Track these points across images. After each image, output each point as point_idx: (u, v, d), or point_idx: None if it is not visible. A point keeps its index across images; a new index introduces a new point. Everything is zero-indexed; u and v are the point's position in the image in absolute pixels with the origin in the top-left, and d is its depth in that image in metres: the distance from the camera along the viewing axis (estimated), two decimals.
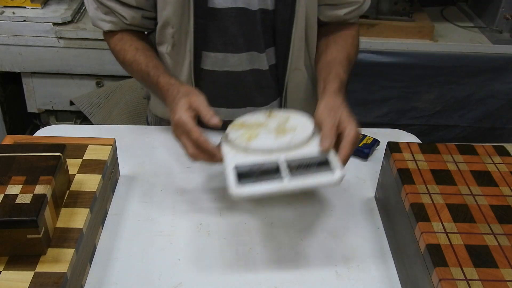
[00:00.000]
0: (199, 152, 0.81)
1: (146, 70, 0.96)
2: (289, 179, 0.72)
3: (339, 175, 0.73)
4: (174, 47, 0.99)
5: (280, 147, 0.78)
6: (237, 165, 0.75)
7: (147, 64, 0.96)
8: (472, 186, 0.78)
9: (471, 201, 0.75)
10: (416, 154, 0.84)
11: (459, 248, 0.67)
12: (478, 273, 0.63)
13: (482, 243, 0.68)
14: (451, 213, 0.72)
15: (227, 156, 0.79)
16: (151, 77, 0.94)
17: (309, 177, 0.72)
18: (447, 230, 0.69)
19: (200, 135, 0.79)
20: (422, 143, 0.88)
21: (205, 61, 1.00)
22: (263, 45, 0.98)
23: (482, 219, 0.72)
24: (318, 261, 0.80)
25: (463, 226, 0.70)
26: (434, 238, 0.68)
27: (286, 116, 0.86)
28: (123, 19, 0.99)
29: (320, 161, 0.75)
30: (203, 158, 0.81)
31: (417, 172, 0.80)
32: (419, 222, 0.71)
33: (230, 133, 0.83)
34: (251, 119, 0.87)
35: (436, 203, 0.74)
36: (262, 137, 0.80)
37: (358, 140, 0.80)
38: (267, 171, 0.74)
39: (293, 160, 0.75)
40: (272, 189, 0.71)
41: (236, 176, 0.73)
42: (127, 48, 0.99)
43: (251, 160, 0.76)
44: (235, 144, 0.80)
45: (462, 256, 0.66)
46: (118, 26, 1.00)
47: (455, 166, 0.82)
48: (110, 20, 0.99)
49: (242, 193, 0.71)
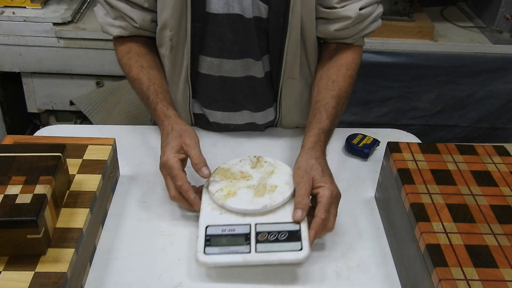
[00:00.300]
0: (180, 197, 0.84)
1: (147, 93, 0.96)
2: (255, 252, 0.75)
3: (305, 254, 0.74)
4: (172, 49, 0.99)
5: (255, 211, 0.80)
6: (209, 225, 0.79)
7: (148, 86, 0.96)
8: (472, 186, 0.78)
9: (471, 201, 0.75)
10: (416, 154, 0.84)
11: (459, 248, 0.67)
12: (478, 273, 0.63)
13: (482, 243, 0.68)
14: (451, 213, 0.72)
15: (203, 211, 0.82)
16: (150, 101, 0.95)
17: (275, 253, 0.75)
18: (447, 230, 0.69)
19: (183, 183, 0.82)
20: (422, 143, 0.88)
21: (202, 65, 1.00)
22: (259, 52, 0.97)
23: (482, 219, 0.72)
24: (318, 261, 0.80)
25: (463, 226, 0.70)
26: (434, 238, 0.68)
27: (271, 168, 0.87)
28: (133, 22, 0.98)
29: (291, 232, 0.77)
30: (182, 204, 0.85)
31: (417, 172, 0.80)
32: (419, 222, 0.71)
33: (211, 183, 0.85)
34: (236, 166, 0.89)
35: (436, 203, 0.74)
36: (239, 196, 0.82)
37: (332, 201, 0.79)
38: (235, 238, 0.77)
39: (263, 231, 0.78)
40: (237, 262, 0.75)
41: (205, 240, 0.77)
42: (133, 64, 0.99)
43: (224, 221, 0.80)
44: (213, 198, 0.83)
45: (462, 256, 0.66)
46: (127, 31, 1.00)
47: (455, 166, 0.82)
48: (119, 25, 0.99)
49: (207, 262, 0.75)
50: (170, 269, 0.78)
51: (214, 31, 0.95)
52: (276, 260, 0.75)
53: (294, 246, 0.76)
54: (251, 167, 0.88)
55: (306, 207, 0.78)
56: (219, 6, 0.92)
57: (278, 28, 0.95)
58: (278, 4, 0.92)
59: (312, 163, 0.83)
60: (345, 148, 1.06)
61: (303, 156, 0.85)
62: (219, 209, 0.82)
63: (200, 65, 1.00)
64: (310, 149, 0.86)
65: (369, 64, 1.78)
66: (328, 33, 0.99)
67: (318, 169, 0.82)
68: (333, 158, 1.03)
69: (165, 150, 0.85)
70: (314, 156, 0.84)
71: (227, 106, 1.05)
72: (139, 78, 0.98)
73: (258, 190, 0.83)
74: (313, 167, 0.82)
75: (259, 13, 0.94)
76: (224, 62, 0.98)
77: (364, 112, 1.92)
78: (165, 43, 1.00)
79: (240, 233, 0.78)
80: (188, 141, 0.85)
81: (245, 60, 0.98)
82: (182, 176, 0.82)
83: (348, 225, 0.88)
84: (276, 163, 0.89)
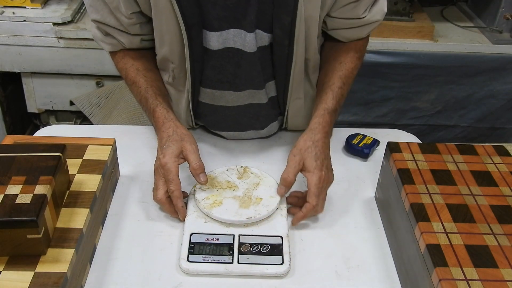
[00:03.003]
0: (166, 202, 0.84)
1: (145, 96, 0.95)
2: (237, 263, 0.77)
3: (285, 269, 0.77)
4: (174, 79, 0.99)
5: (240, 222, 0.82)
6: (193, 232, 0.81)
7: (146, 89, 0.96)
8: (472, 186, 0.78)
9: (471, 201, 0.75)
10: (416, 154, 0.84)
11: (459, 248, 0.67)
12: (478, 273, 0.63)
13: (482, 243, 0.68)
14: (451, 213, 0.72)
15: (188, 217, 0.84)
16: (149, 104, 0.94)
17: (256, 266, 0.76)
18: (447, 230, 0.69)
19: (176, 189, 0.82)
20: (422, 143, 0.88)
21: (203, 95, 0.99)
22: (262, 82, 0.96)
23: (482, 219, 0.72)
24: (318, 261, 0.80)
25: (463, 226, 0.70)
26: (434, 238, 0.68)
27: (257, 180, 0.89)
28: (122, 43, 0.98)
29: (273, 245, 0.79)
30: (165, 209, 0.85)
31: (417, 172, 0.80)
32: (419, 222, 0.71)
33: (198, 190, 0.87)
34: (223, 175, 0.90)
35: (436, 203, 0.74)
36: (225, 206, 0.83)
37: (321, 187, 0.83)
38: (219, 248, 0.78)
39: (246, 242, 0.80)
40: (219, 271, 0.76)
41: (189, 247, 0.78)
42: (128, 68, 0.99)
43: (208, 230, 0.81)
44: (199, 206, 0.84)
45: (462, 256, 0.66)
46: (117, 48, 1.00)
47: (455, 166, 0.82)
48: (110, 42, 0.99)
49: (189, 269, 0.76)
50: (170, 269, 0.78)
51: (214, 65, 0.93)
52: (257, 273, 0.76)
53: (275, 260, 0.77)
54: (238, 177, 0.90)
55: (289, 185, 0.85)
56: (218, 43, 0.90)
57: (283, 57, 0.93)
58: (282, 36, 0.90)
59: (308, 145, 0.85)
60: (345, 148, 1.06)
61: (304, 136, 0.88)
62: (204, 217, 0.84)
63: (201, 95, 0.99)
64: (311, 130, 0.88)
65: (369, 64, 1.78)
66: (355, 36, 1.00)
67: (312, 153, 0.84)
68: (333, 158, 1.03)
69: (166, 152, 0.85)
70: (313, 139, 0.86)
71: (232, 128, 1.05)
72: (136, 81, 0.97)
73: (243, 202, 0.85)
74: (308, 149, 0.85)
75: (263, 42, 0.91)
76: (226, 93, 0.97)
77: (364, 112, 1.92)
78: (167, 71, 0.99)
79: (224, 243, 0.79)
80: (188, 146, 0.86)
81: (247, 91, 0.97)
82: (177, 182, 0.83)
83: (348, 225, 0.88)
84: (262, 175, 0.91)
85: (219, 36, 0.89)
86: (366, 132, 1.08)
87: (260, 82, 0.96)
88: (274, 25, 0.89)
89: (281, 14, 0.87)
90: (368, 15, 0.95)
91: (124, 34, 0.97)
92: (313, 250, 0.82)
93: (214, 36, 0.89)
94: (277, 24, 0.88)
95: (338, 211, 0.90)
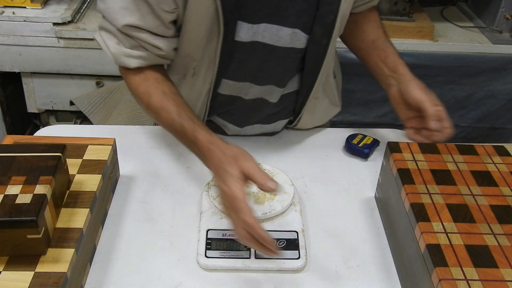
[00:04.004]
0: (250, 237, 0.72)
1: (179, 121, 0.85)
2: (254, 258, 0.77)
3: (302, 263, 0.77)
4: (194, 75, 0.96)
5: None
6: (210, 228, 0.81)
7: (179, 114, 0.86)
8: (472, 186, 0.78)
9: (471, 201, 0.75)
10: (416, 154, 0.84)
11: (459, 248, 0.67)
12: (478, 273, 0.63)
13: (482, 243, 0.68)
14: (451, 213, 0.72)
15: (204, 214, 0.84)
16: (186, 130, 0.84)
17: (273, 261, 0.77)
18: (447, 230, 0.69)
19: (251, 217, 0.71)
20: (422, 143, 0.88)
21: (223, 87, 0.97)
22: (286, 78, 0.97)
23: (482, 219, 0.72)
24: (318, 261, 0.80)
25: (463, 226, 0.70)
26: (434, 238, 0.68)
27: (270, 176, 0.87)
28: (157, 50, 0.89)
29: (289, 240, 0.80)
30: (255, 245, 0.73)
31: (417, 172, 0.80)
32: (419, 222, 0.71)
33: (212, 187, 0.87)
34: None
35: (436, 203, 0.74)
36: None
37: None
38: (236, 243, 0.79)
39: None
40: (237, 266, 0.77)
41: (206, 243, 0.79)
42: (152, 92, 0.89)
43: (224, 226, 0.81)
44: (214, 202, 0.85)
45: (462, 256, 0.66)
46: (148, 61, 0.90)
47: (455, 166, 0.82)
48: (139, 55, 0.88)
49: (208, 265, 0.77)
50: (170, 269, 0.78)
51: (241, 58, 0.92)
52: (274, 267, 0.77)
53: (292, 254, 0.78)
54: None
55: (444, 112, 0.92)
56: (248, 36, 0.88)
57: (317, 58, 0.94)
58: (322, 34, 0.90)
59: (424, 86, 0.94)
60: (345, 148, 1.06)
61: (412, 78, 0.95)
62: (219, 213, 0.84)
63: (221, 86, 0.97)
64: (414, 79, 0.95)
65: None
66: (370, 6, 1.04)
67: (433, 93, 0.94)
68: (333, 158, 1.04)
69: (226, 178, 0.74)
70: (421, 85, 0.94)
71: (240, 121, 1.05)
72: (164, 107, 0.88)
73: (257, 198, 0.85)
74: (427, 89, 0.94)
75: (298, 44, 0.91)
76: (247, 85, 0.97)
77: (364, 112, 1.92)
78: (186, 69, 0.97)
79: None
80: (247, 164, 0.75)
81: (268, 86, 0.97)
82: (248, 209, 0.71)
83: (348, 225, 0.88)
84: (275, 171, 0.91)
85: (250, 29, 0.88)
86: (366, 132, 1.08)
87: (284, 79, 0.97)
88: (316, 24, 0.89)
89: (326, 13, 0.88)
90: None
91: (160, 38, 0.88)
92: (313, 250, 0.82)
93: (245, 28, 0.87)
94: (320, 23, 0.89)
95: (338, 211, 0.90)
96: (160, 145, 1.04)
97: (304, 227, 0.84)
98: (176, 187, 0.94)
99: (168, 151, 1.03)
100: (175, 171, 0.98)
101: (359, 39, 1.05)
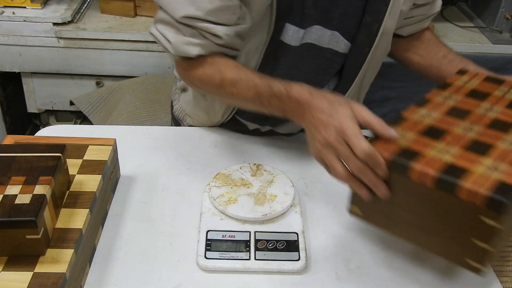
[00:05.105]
0: (366, 168, 0.67)
1: (265, 83, 0.81)
2: (254, 260, 0.77)
3: (302, 265, 0.77)
4: None
5: (255, 219, 0.82)
6: (210, 229, 0.82)
7: (260, 77, 0.82)
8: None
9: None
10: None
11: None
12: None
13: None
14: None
15: (204, 215, 0.84)
16: (276, 89, 0.79)
17: (273, 262, 0.77)
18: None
19: (369, 145, 0.66)
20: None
21: None
22: (319, 81, 0.97)
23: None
24: (318, 262, 0.80)
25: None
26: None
27: (270, 177, 0.90)
28: (216, 39, 0.86)
29: (289, 241, 0.80)
30: (368, 179, 0.68)
31: None
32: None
33: (212, 188, 0.87)
34: (236, 172, 0.90)
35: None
36: (240, 203, 0.84)
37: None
38: (236, 245, 0.79)
39: (262, 239, 0.80)
40: (236, 268, 0.77)
41: (206, 244, 0.79)
42: (223, 69, 0.86)
43: (224, 227, 0.82)
44: (214, 203, 0.85)
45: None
46: (208, 48, 0.87)
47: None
48: (199, 42, 0.85)
49: (207, 266, 0.77)
50: (169, 269, 0.78)
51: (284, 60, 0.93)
52: (274, 269, 0.77)
53: (292, 256, 0.78)
54: (251, 174, 0.90)
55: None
56: (292, 39, 0.90)
57: (356, 64, 0.94)
58: (365, 42, 0.92)
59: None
60: None
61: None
62: (220, 214, 0.84)
63: None
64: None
65: None
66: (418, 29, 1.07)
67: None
68: None
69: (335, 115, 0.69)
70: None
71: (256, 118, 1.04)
72: (241, 76, 0.84)
73: (258, 199, 0.85)
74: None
75: (336, 46, 0.92)
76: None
77: None
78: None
79: (240, 239, 0.80)
80: (359, 107, 0.70)
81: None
82: (365, 139, 0.66)
83: (349, 227, 0.87)
84: (275, 172, 0.91)
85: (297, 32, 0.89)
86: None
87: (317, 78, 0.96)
88: (360, 31, 0.90)
89: (371, 22, 0.89)
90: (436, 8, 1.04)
91: (220, 26, 0.85)
92: (313, 251, 0.82)
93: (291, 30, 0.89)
94: (364, 31, 0.90)
95: (338, 212, 0.90)
96: (160, 146, 1.04)
97: (305, 228, 0.84)
98: (176, 187, 0.94)
99: (169, 151, 1.03)
100: (175, 171, 0.98)
101: (426, 58, 1.07)
